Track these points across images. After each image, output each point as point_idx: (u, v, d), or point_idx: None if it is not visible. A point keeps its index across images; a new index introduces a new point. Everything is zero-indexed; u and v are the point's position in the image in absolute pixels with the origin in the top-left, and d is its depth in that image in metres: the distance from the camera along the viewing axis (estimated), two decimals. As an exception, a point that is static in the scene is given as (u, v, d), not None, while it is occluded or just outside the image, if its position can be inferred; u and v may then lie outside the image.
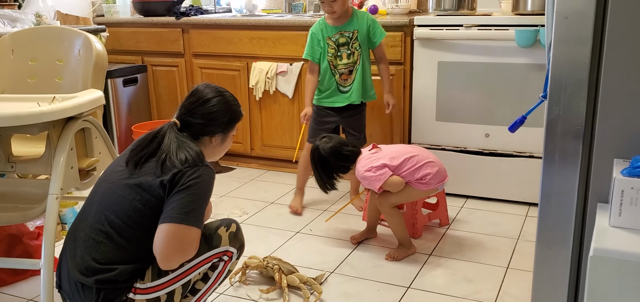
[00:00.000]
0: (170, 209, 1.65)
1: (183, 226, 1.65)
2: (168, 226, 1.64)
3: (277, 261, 2.35)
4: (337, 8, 2.88)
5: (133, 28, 4.00)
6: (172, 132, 1.77)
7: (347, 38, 2.95)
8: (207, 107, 1.83)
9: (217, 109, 1.84)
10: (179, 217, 1.64)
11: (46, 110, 1.88)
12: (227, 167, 3.89)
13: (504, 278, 2.40)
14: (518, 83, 3.00)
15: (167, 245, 1.64)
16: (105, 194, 1.74)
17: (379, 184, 2.48)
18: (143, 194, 1.68)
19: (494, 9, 3.35)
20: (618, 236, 1.06)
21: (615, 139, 1.18)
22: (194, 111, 1.83)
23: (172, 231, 1.64)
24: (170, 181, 1.67)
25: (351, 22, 2.95)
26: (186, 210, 1.65)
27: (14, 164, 2.07)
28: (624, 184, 1.07)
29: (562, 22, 1.17)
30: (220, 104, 1.85)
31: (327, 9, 2.91)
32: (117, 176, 1.75)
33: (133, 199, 1.69)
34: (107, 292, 1.67)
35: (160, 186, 1.67)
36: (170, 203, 1.66)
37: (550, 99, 1.21)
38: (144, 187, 1.68)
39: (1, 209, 2.07)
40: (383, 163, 2.50)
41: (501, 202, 3.20)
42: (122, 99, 3.80)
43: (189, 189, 1.66)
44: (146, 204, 1.68)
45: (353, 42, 2.95)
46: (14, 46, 2.41)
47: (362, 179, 2.55)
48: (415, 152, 2.57)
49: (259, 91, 3.65)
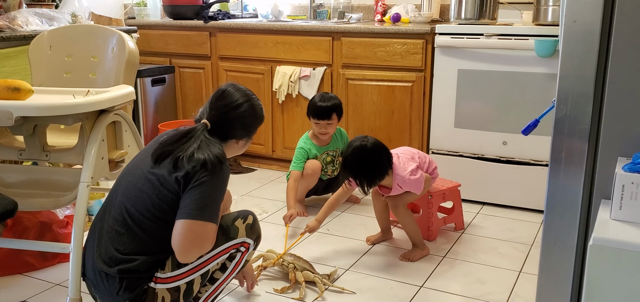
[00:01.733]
0: (186, 206, 1.71)
1: (199, 221, 1.71)
2: (184, 222, 1.71)
3: (293, 258, 2.42)
4: (331, 131, 3.15)
5: (162, 30, 4.14)
6: (203, 134, 1.82)
7: (332, 157, 3.23)
8: (238, 112, 1.89)
9: (247, 114, 1.91)
10: (195, 214, 1.70)
11: (81, 102, 1.99)
12: (249, 168, 3.98)
13: (516, 281, 2.44)
14: (537, 92, 3.04)
15: (184, 240, 1.71)
16: (127, 187, 1.81)
17: (422, 186, 2.55)
18: (160, 188, 1.75)
19: (515, 19, 3.40)
20: (618, 228, 1.11)
21: (620, 137, 1.23)
22: (226, 115, 1.88)
23: (189, 226, 1.71)
24: (185, 177, 1.72)
25: (334, 142, 3.24)
26: (201, 206, 1.71)
27: (48, 153, 2.17)
28: (624, 179, 1.12)
29: (570, 25, 1.23)
30: (249, 109, 1.91)
31: (321, 131, 3.14)
32: (139, 170, 1.82)
33: (151, 193, 1.75)
34: (129, 281, 1.74)
35: (175, 181, 1.73)
36: (186, 199, 1.72)
37: (558, 99, 1.27)
38: (161, 182, 1.75)
39: (35, 195, 2.19)
40: (416, 165, 2.57)
41: (517, 210, 3.23)
42: (150, 98, 3.93)
43: (203, 185, 1.72)
44: (163, 198, 1.74)
45: (337, 159, 3.25)
46: (51, 43, 2.53)
47: (404, 183, 2.54)
48: (413, 151, 2.70)
49: (282, 94, 3.74)
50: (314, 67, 3.65)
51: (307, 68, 3.66)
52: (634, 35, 1.18)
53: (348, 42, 3.51)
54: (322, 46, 3.58)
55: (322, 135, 3.16)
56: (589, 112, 1.24)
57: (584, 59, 1.23)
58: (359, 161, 2.50)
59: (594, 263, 1.07)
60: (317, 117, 3.12)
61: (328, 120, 3.12)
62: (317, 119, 3.12)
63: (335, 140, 3.25)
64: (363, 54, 3.49)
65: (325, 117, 3.11)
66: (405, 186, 2.55)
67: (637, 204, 1.12)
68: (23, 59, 2.60)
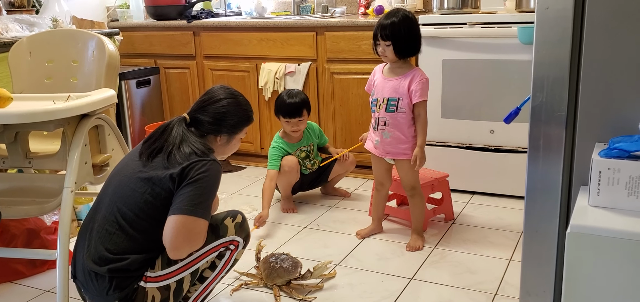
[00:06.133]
0: (179, 202, 1.73)
1: (191, 217, 1.72)
2: (177, 217, 1.72)
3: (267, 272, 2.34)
4: (302, 127, 3.14)
5: (146, 31, 4.11)
6: (180, 127, 1.85)
7: (306, 152, 3.22)
8: (217, 106, 1.91)
9: (226, 110, 1.92)
10: (188, 209, 1.72)
11: (60, 108, 1.98)
12: (238, 167, 3.97)
13: (506, 270, 2.44)
14: (522, 79, 3.03)
15: (176, 235, 1.72)
16: (117, 187, 1.82)
17: (427, 92, 2.54)
18: (153, 187, 1.76)
19: (498, 7, 3.40)
20: (595, 214, 1.11)
21: (597, 123, 1.23)
22: (205, 109, 1.91)
23: (181, 222, 1.72)
24: (180, 174, 1.74)
25: (306, 137, 3.22)
26: (194, 202, 1.72)
27: (31, 160, 2.16)
28: (601, 164, 1.12)
29: (543, 11, 1.23)
30: (230, 105, 1.93)
31: (293, 128, 3.13)
32: (129, 170, 1.83)
33: (144, 192, 1.76)
34: (119, 281, 1.75)
35: (169, 179, 1.74)
36: (179, 195, 1.73)
37: (534, 86, 1.27)
38: (154, 181, 1.76)
39: (19, 203, 2.17)
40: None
41: (507, 198, 3.24)
42: (136, 100, 3.90)
43: (198, 182, 1.74)
44: (156, 196, 1.75)
45: (312, 153, 3.26)
46: (31, 49, 2.51)
47: (422, 81, 2.51)
48: None
49: (268, 91, 3.73)
50: (299, 62, 3.64)
51: (292, 64, 3.65)
52: (607, 19, 1.18)
53: (332, 37, 3.50)
54: (306, 41, 3.57)
55: (294, 132, 3.14)
56: (565, 98, 1.24)
57: (557, 46, 1.23)
58: (405, 21, 2.47)
59: (573, 250, 1.07)
60: (288, 116, 3.10)
61: (299, 118, 3.10)
62: (289, 117, 3.10)
63: (307, 135, 3.23)
64: (348, 48, 3.48)
65: (296, 114, 3.09)
66: (417, 82, 2.51)
67: (614, 189, 1.12)
68: (4, 66, 2.58)
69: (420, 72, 2.55)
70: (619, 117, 1.20)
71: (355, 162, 3.30)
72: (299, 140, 3.21)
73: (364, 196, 3.34)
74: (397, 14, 2.49)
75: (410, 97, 2.52)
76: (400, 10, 2.52)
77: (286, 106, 3.09)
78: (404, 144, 2.57)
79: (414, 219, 2.70)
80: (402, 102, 2.52)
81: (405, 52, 2.51)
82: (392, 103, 2.54)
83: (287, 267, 2.31)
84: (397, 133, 2.56)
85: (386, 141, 2.59)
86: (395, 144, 2.58)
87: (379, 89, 2.60)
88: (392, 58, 2.52)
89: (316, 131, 3.31)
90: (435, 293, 2.27)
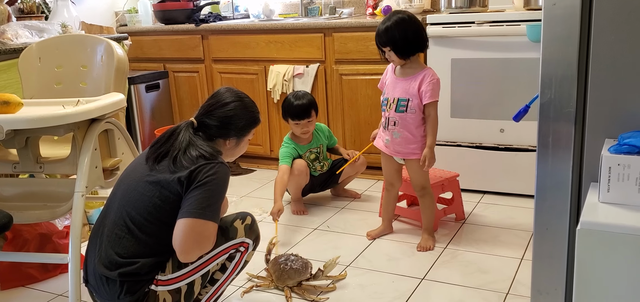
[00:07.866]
0: (188, 205, 1.73)
1: (201, 220, 1.72)
2: (186, 220, 1.72)
3: (277, 274, 2.34)
4: (311, 128, 3.14)
5: (155, 36, 4.13)
6: (187, 131, 1.86)
7: (316, 154, 3.22)
8: (225, 110, 1.91)
9: (233, 113, 1.92)
10: (197, 212, 1.72)
11: (70, 113, 1.99)
12: (248, 169, 3.98)
13: (518, 269, 2.43)
14: (531, 77, 2.99)
15: (185, 239, 1.72)
16: (126, 191, 1.83)
17: (438, 93, 2.52)
18: (162, 190, 1.76)
19: (506, 5, 3.38)
20: (606, 211, 1.10)
21: (606, 118, 1.22)
22: (212, 113, 1.91)
23: (191, 225, 1.72)
24: (188, 177, 1.74)
25: (315, 139, 3.22)
26: (203, 205, 1.73)
27: (42, 164, 2.18)
28: (611, 160, 1.11)
29: (550, 8, 1.22)
30: (237, 108, 1.93)
31: (302, 130, 3.12)
32: (137, 174, 1.84)
33: (152, 195, 1.77)
34: (130, 285, 1.75)
35: (177, 182, 1.75)
36: (188, 199, 1.74)
37: (542, 84, 1.26)
38: (163, 185, 1.76)
39: (31, 208, 2.19)
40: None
41: (518, 197, 3.21)
42: (145, 105, 3.92)
43: (206, 185, 1.74)
44: (165, 200, 1.76)
45: (321, 154, 3.26)
46: (40, 55, 2.53)
47: (432, 81, 2.50)
48: None
49: (277, 93, 3.74)
50: (307, 64, 3.64)
51: (300, 66, 3.65)
52: (614, 15, 1.17)
53: (340, 38, 3.50)
54: (314, 43, 3.57)
55: (304, 134, 3.14)
56: (573, 95, 1.23)
57: (565, 42, 1.22)
58: (399, 24, 2.45)
59: (584, 247, 1.07)
60: (296, 118, 3.09)
61: (308, 119, 3.10)
62: (297, 119, 3.09)
63: (316, 137, 3.23)
64: (356, 49, 3.47)
65: (304, 116, 3.09)
66: (427, 83, 2.49)
67: (624, 185, 1.11)
68: (14, 72, 2.61)
69: (431, 72, 2.54)
70: (628, 112, 1.19)
71: (365, 163, 3.29)
72: (309, 142, 3.21)
73: (374, 197, 3.34)
74: (390, 19, 2.48)
75: (421, 98, 2.51)
76: (394, 14, 2.52)
77: (294, 108, 3.09)
78: (413, 144, 2.56)
79: (425, 219, 2.69)
80: (412, 103, 2.52)
81: (407, 52, 2.50)
82: (402, 103, 2.54)
83: (297, 267, 2.31)
84: (406, 133, 2.55)
85: (396, 141, 2.59)
86: (404, 144, 2.57)
87: (390, 89, 2.60)
88: (398, 61, 2.52)
89: (325, 132, 3.31)
90: (446, 293, 2.26)
